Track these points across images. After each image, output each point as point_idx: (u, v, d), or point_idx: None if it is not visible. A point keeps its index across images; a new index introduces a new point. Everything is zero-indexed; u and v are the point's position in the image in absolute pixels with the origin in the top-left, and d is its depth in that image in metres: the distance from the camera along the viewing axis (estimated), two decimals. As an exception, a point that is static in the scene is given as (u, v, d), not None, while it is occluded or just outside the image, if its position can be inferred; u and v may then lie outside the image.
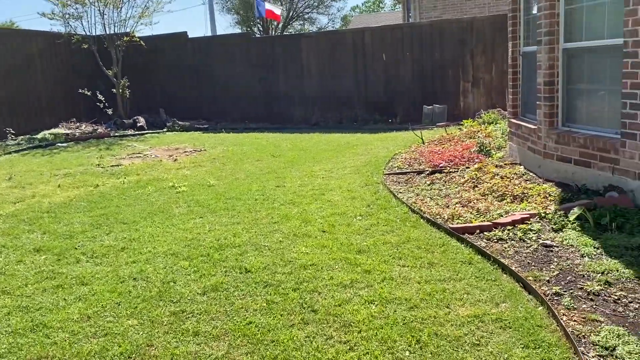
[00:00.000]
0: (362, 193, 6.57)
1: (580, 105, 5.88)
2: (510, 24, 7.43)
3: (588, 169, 5.55)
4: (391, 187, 6.71)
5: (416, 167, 7.70)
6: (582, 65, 5.77)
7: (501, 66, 13.75)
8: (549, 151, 6.16)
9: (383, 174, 7.52)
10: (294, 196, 6.69)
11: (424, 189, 6.44)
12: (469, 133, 9.66)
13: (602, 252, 4.06)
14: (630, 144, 4.97)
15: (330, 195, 6.62)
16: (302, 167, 8.77)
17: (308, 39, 16.09)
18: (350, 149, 10.33)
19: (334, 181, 7.42)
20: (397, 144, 10.48)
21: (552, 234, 4.55)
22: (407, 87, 14.61)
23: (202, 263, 4.56)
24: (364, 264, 4.26)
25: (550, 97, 6.09)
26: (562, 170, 5.95)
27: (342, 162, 8.90)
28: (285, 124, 15.53)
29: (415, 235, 4.82)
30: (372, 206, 5.93)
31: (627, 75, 4.94)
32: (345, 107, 15.29)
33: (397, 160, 8.56)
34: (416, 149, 9.19)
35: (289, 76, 15.80)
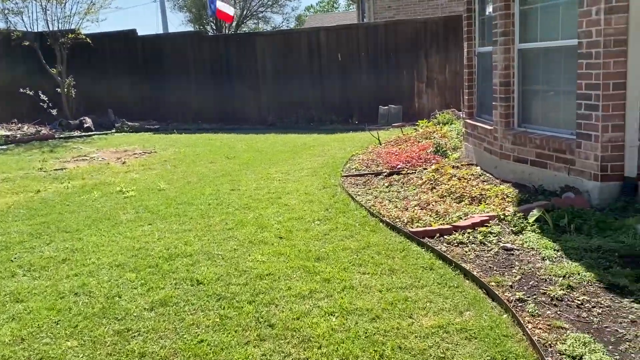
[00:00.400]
0: (320, 196, 6.39)
1: (536, 106, 5.90)
2: (466, 24, 7.43)
3: (544, 169, 5.56)
4: (349, 189, 6.56)
5: (374, 169, 7.59)
6: (537, 66, 5.78)
7: (455, 67, 13.89)
8: (505, 152, 6.15)
9: (341, 176, 7.36)
10: (249, 200, 6.44)
11: (383, 191, 6.32)
12: (424, 134, 9.64)
13: (563, 254, 4.02)
14: (586, 145, 4.99)
15: (287, 198, 6.40)
16: (257, 169, 8.51)
17: (263, 37, 15.80)
18: (307, 150, 10.14)
19: (291, 184, 7.21)
20: (354, 144, 10.36)
21: (512, 236, 4.49)
22: (363, 88, 14.55)
23: (150, 275, 4.25)
24: (323, 272, 4.07)
25: (506, 98, 6.09)
26: (518, 171, 5.95)
27: (299, 164, 8.69)
28: (241, 125, 15.19)
29: (375, 240, 4.67)
30: (330, 210, 5.76)
31: (582, 76, 4.95)
32: (301, 108, 15.09)
33: (354, 161, 8.43)
34: (373, 150, 9.09)
35: (244, 75, 15.47)
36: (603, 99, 4.77)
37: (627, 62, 4.67)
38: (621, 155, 4.83)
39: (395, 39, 14.20)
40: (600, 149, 4.84)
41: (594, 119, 4.87)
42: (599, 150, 4.85)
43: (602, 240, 4.12)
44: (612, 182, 4.87)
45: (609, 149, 4.83)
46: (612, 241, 4.08)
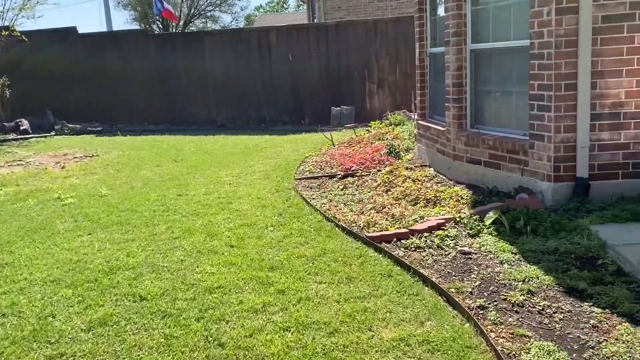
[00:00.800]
0: (273, 200, 6.15)
1: (488, 106, 5.88)
2: (417, 25, 7.37)
3: (498, 170, 5.54)
4: (303, 192, 6.36)
5: (328, 171, 7.42)
6: (490, 67, 5.76)
7: (405, 68, 13.95)
8: (458, 153, 6.11)
9: (294, 179, 7.15)
10: (197, 206, 6.13)
11: (337, 194, 6.15)
12: (377, 135, 9.57)
13: (521, 257, 3.96)
14: (539, 146, 4.98)
15: (239, 203, 6.13)
16: (207, 172, 8.18)
17: (212, 36, 15.39)
18: (259, 152, 9.87)
19: (243, 188, 6.94)
20: (307, 146, 10.17)
21: (469, 239, 4.41)
22: (315, 88, 14.39)
23: (89, 291, 3.91)
24: (278, 282, 3.85)
25: (458, 99, 6.04)
26: (472, 172, 5.92)
27: (250, 167, 8.42)
28: (189, 126, 14.72)
29: (331, 247, 4.49)
30: (284, 215, 5.53)
31: (534, 76, 4.95)
32: (252, 108, 14.78)
33: (308, 163, 8.23)
34: (327, 152, 8.93)
35: (192, 75, 14.99)
36: (555, 100, 4.77)
37: (577, 63, 4.69)
38: (573, 155, 4.84)
39: (346, 40, 14.12)
40: (553, 150, 4.84)
41: (547, 119, 4.87)
42: (552, 151, 4.85)
43: (558, 241, 4.09)
44: (564, 182, 4.89)
45: (562, 150, 4.84)
46: (567, 243, 4.05)
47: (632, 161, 4.81)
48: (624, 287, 3.38)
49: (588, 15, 4.57)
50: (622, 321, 3.01)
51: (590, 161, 4.83)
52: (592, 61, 4.66)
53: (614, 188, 4.82)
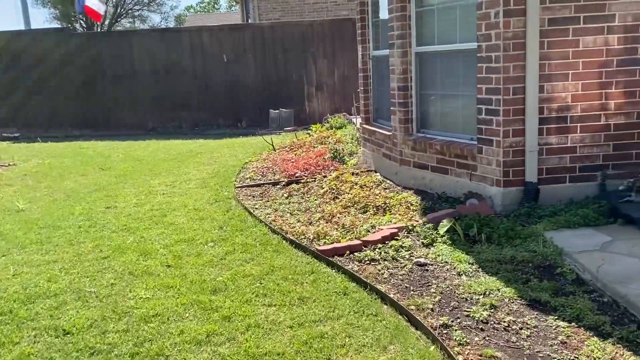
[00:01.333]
0: (212, 212, 5.74)
1: (435, 110, 5.76)
2: (359, 27, 7.19)
3: (446, 175, 5.43)
4: (245, 202, 5.99)
5: (271, 178, 7.08)
6: (436, 70, 5.65)
7: (343, 71, 13.84)
8: (405, 158, 5.96)
9: (235, 187, 6.76)
10: (128, 220, 5.62)
11: (282, 203, 5.83)
12: (319, 139, 9.32)
13: (478, 268, 3.81)
14: (487, 150, 4.90)
15: (174, 216, 5.68)
16: (137, 181, 7.62)
17: (140, 36, 14.63)
18: (194, 158, 9.37)
19: (178, 198, 6.47)
20: (247, 151, 9.77)
21: (424, 249, 4.23)
22: (252, 90, 13.99)
23: (2, 325, 3.38)
24: (222, 307, 3.49)
25: (404, 103, 5.89)
26: (419, 177, 5.78)
27: (185, 174, 7.93)
28: (117, 131, 13.89)
29: (280, 263, 4.17)
30: (225, 228, 5.15)
31: (482, 80, 4.86)
32: (185, 111, 14.16)
33: (248, 170, 7.85)
34: (268, 157, 8.58)
35: (120, 77, 14.16)
36: (504, 104, 4.70)
37: (525, 66, 4.64)
38: (522, 160, 4.79)
39: (282, 41, 13.82)
40: (502, 154, 4.77)
41: (495, 123, 4.79)
42: (501, 156, 4.77)
43: (514, 250, 3.99)
44: (514, 187, 4.83)
45: (510, 154, 4.78)
46: (524, 250, 3.96)
47: (579, 165, 4.82)
48: (586, 297, 3.29)
49: (535, 18, 4.52)
50: (589, 335, 2.90)
51: (539, 165, 4.79)
52: (540, 64, 4.62)
53: (563, 192, 4.81)
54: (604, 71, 4.69)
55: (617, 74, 4.69)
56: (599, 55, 4.66)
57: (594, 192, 4.82)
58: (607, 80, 4.70)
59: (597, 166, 4.83)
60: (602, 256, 3.66)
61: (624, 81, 4.70)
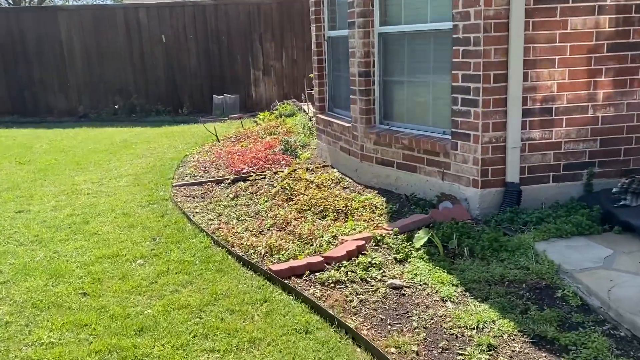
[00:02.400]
0: (144, 217, 4.85)
1: (402, 100, 5.07)
2: (313, 3, 6.38)
3: (414, 173, 4.78)
4: (184, 204, 5.12)
5: (214, 174, 6.21)
6: (402, 54, 4.95)
7: (292, 54, 12.99)
8: (367, 153, 5.27)
9: (172, 185, 5.86)
10: (42, 228, 4.65)
11: (228, 206, 5.01)
12: (267, 128, 8.50)
13: (464, 291, 3.17)
14: (463, 146, 4.27)
15: (99, 223, 4.75)
16: (60, 177, 6.57)
17: (68, 13, 13.13)
18: (128, 149, 8.33)
19: (105, 199, 5.51)
20: (187, 141, 8.80)
21: (397, 267, 3.55)
22: (194, 74, 12.90)
23: None
24: (150, 355, 2.68)
25: (366, 91, 5.18)
26: (383, 175, 5.11)
27: (116, 169, 6.93)
28: (44, 117, 12.51)
29: (225, 287, 3.38)
30: (159, 239, 4.29)
31: (458, 65, 4.20)
32: (120, 96, 12.91)
33: (188, 163, 6.94)
34: (211, 149, 7.68)
35: (46, 57, 12.70)
36: (483, 93, 4.06)
37: (508, 50, 4.01)
38: (502, 157, 4.19)
39: (227, 21, 12.77)
40: (480, 151, 4.15)
41: (473, 115, 4.16)
42: (479, 152, 4.15)
43: (502, 266, 3.38)
44: (493, 188, 4.23)
45: (490, 151, 4.17)
46: (514, 267, 3.35)
47: (563, 162, 4.27)
48: (599, 330, 2.70)
49: (520, -6, 3.89)
50: (616, 388, 2.31)
51: (520, 163, 4.21)
52: (525, 48, 4.00)
53: (546, 193, 4.26)
54: (593, 57, 4.13)
55: (608, 60, 4.14)
56: (588, 38, 4.09)
57: (579, 193, 4.30)
58: (596, 67, 4.14)
59: (582, 164, 4.30)
60: (608, 275, 3.10)
61: (614, 69, 4.16)
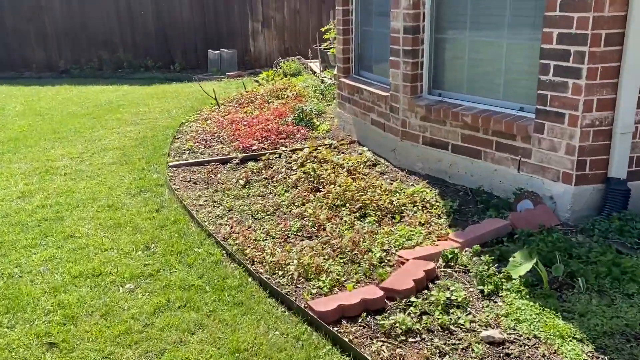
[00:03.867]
0: (134, 212, 3.77)
1: (460, 64, 3.92)
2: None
3: (476, 160, 3.72)
4: (184, 194, 4.04)
5: (218, 150, 5.09)
6: (464, 2, 3.77)
7: (294, 4, 11.58)
8: (410, 130, 4.18)
9: (168, 165, 4.74)
10: (3, 227, 3.56)
11: (239, 197, 3.93)
12: (274, 91, 7.30)
13: (595, 350, 2.18)
14: (553, 129, 3.20)
15: (76, 219, 3.66)
16: (33, 150, 5.42)
17: (43, -47, 11.52)
18: (114, 113, 7.13)
19: (86, 183, 4.41)
20: (182, 104, 7.59)
21: (487, 306, 2.53)
22: (186, 26, 11.47)
23: None
24: None
25: (413, 52, 4.03)
26: (432, 158, 4.04)
27: (100, 139, 5.77)
28: (20, 72, 11.12)
29: (250, 338, 2.35)
30: (154, 247, 3.23)
31: (554, 21, 3.07)
32: (105, 50, 11.49)
33: (185, 135, 5.79)
34: (211, 115, 6.50)
35: (21, 5, 11.18)
36: (590, 60, 2.96)
37: (629, 1, 2.89)
38: (606, 145, 3.14)
39: (222, -35, 11.27)
40: (579, 136, 3.09)
41: (572, 90, 3.07)
42: (577, 138, 3.10)
43: (635, 307, 2.38)
44: (590, 185, 3.20)
45: (591, 137, 3.11)
46: (654, 311, 2.36)
47: (684, 152, 3.23)
48: None
49: None
50: None
51: (630, 153, 3.17)
52: (654, -2, 2.88)
53: (660, 193, 3.24)
54: None
55: None
56: None
57: (698, 191, 3.28)
58: None
59: None
60: None
61: None
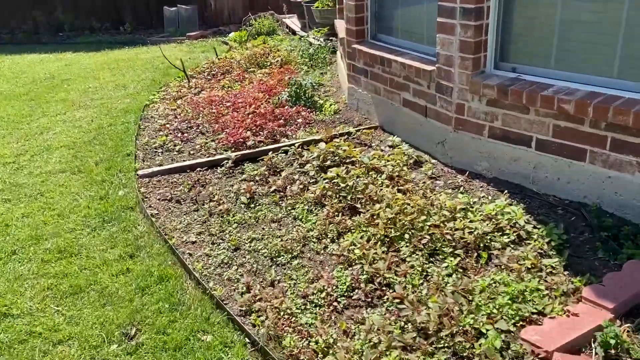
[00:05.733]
0: (97, 262, 2.51)
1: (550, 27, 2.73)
2: None
3: (578, 162, 2.63)
4: (166, 224, 2.78)
5: (200, 146, 3.78)
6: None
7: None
8: (471, 118, 3.03)
9: (137, 174, 3.43)
10: None
11: (244, 224, 2.72)
12: (253, 57, 5.92)
13: None
14: None
15: (11, 280, 2.39)
16: (-51, 155, 3.97)
17: None
18: (58, 92, 5.62)
19: (24, 208, 3.08)
20: (140, 76, 6.11)
21: None
22: (135, -22, 9.70)
23: None
24: None
25: (477, 11, 2.83)
26: (505, 157, 2.93)
27: (42, 132, 4.36)
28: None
29: None
30: (137, 337, 2.02)
31: None
32: (41, 10, 9.61)
33: (154, 122, 4.43)
34: (181, 92, 5.11)
35: None
36: None
37: None
38: None
39: None
40: None
41: None
42: None
43: None
44: None
45: None
46: None
47: None
48: None
49: None
50: None
51: None
52: None
53: None
54: None
55: None
56: None
57: None
58: None
59: None
60: None
61: None
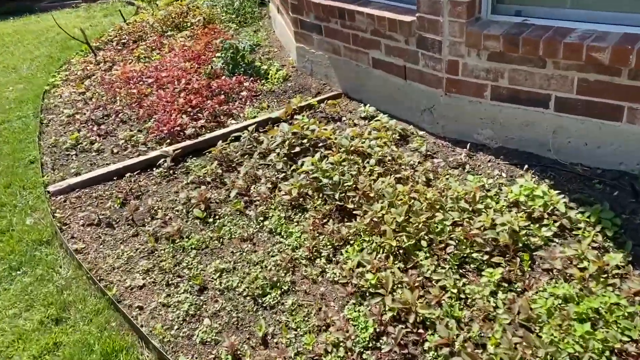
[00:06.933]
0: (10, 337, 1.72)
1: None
2: None
3: (612, 123, 2.14)
4: (99, 263, 2.02)
5: (124, 139, 2.89)
6: None
7: None
8: (467, 78, 2.43)
9: (47, 191, 2.55)
10: None
11: (207, 251, 2.00)
12: (170, 18, 4.86)
13: None
14: None
15: None
16: None
17: None
18: None
19: None
20: (33, 54, 4.90)
21: None
22: None
23: None
24: None
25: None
26: (515, 122, 2.38)
27: None
28: None
29: None
30: None
31: None
32: None
33: (58, 113, 3.45)
34: (87, 70, 4.06)
35: None
36: None
37: None
38: None
39: None
40: None
41: None
42: None
43: None
44: None
45: None
46: None
47: None
48: None
49: None
50: None
51: None
52: None
53: None
54: None
55: None
56: None
57: None
58: None
59: None
60: None
61: None
